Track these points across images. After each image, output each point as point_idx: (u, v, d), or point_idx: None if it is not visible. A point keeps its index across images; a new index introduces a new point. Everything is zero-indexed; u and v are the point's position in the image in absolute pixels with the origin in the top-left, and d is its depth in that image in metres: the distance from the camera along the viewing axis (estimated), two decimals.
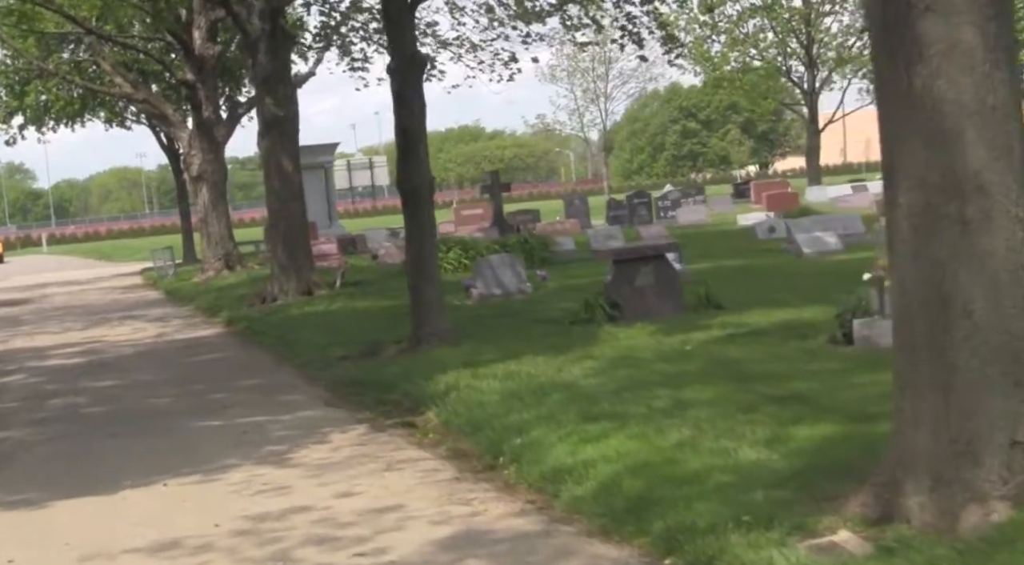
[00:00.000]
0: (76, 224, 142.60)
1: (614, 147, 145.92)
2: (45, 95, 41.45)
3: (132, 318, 25.10)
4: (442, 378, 12.14)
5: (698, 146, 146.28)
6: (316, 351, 16.03)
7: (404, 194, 14.96)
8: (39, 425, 12.82)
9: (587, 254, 27.72)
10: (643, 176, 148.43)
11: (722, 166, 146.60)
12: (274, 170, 23.78)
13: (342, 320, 19.10)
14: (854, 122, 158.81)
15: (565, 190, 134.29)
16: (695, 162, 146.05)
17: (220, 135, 34.16)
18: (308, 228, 24.54)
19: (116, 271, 48.59)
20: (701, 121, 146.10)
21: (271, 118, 23.64)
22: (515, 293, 19.43)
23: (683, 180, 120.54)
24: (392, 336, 16.03)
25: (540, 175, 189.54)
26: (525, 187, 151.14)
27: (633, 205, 40.68)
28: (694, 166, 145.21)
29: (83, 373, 16.89)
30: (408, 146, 14.86)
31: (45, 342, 21.75)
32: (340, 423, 11.32)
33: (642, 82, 59.37)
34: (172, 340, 20.36)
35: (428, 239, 14.98)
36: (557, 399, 10.19)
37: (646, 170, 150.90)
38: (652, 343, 12.83)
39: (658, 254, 15.01)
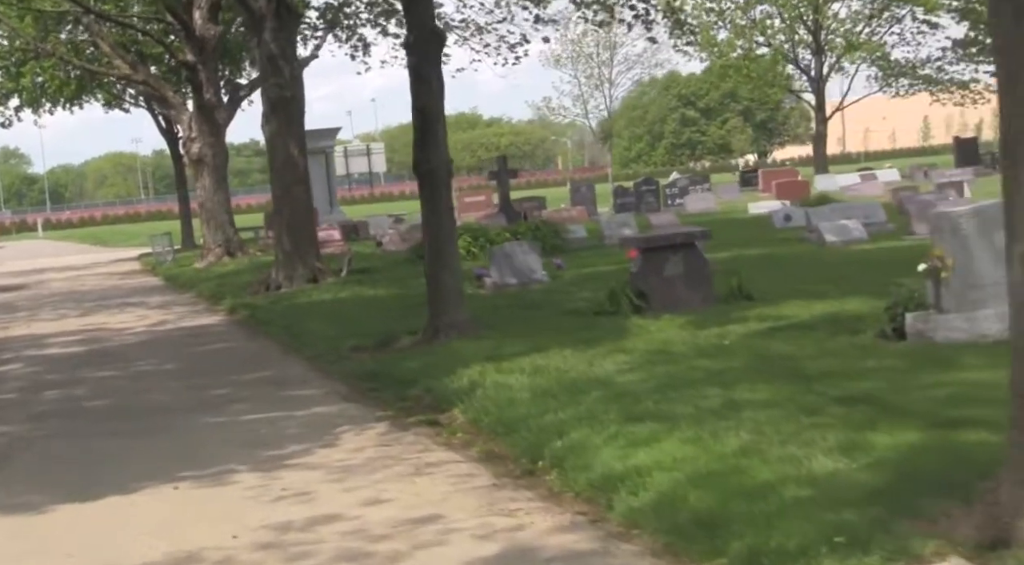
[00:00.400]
0: (72, 209, 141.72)
1: (612, 135, 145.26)
2: (41, 76, 40.60)
3: (132, 305, 24.38)
4: (465, 372, 11.44)
5: (697, 134, 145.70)
6: (326, 342, 15.32)
7: (421, 177, 14.25)
8: (38, 420, 12.11)
9: (598, 242, 27.03)
10: (641, 164, 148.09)
11: (721, 154, 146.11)
12: (279, 153, 23.07)
13: (351, 309, 18.40)
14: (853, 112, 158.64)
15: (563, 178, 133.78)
16: (693, 150, 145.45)
17: (221, 118, 33.44)
18: (313, 214, 23.82)
19: (113, 257, 47.86)
20: (700, 109, 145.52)
21: (276, 100, 22.91)
22: (531, 282, 18.72)
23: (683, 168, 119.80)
24: (405, 326, 15.33)
25: (537, 163, 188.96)
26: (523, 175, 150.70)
27: (641, 192, 39.93)
28: (692, 154, 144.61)
29: (83, 363, 16.19)
30: (425, 126, 14.14)
31: (42, 329, 21.04)
32: (359, 421, 10.61)
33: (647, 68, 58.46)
34: (174, 328, 19.65)
35: (446, 224, 14.26)
36: (594, 397, 9.49)
37: (644, 158, 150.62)
38: (686, 336, 12.12)
39: (688, 242, 14.28)
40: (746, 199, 44.87)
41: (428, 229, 14.40)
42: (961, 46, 54.83)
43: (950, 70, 55.80)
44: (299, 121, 23.29)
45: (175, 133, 45.03)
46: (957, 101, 57.50)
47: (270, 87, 22.92)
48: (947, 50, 55.45)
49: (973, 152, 50.58)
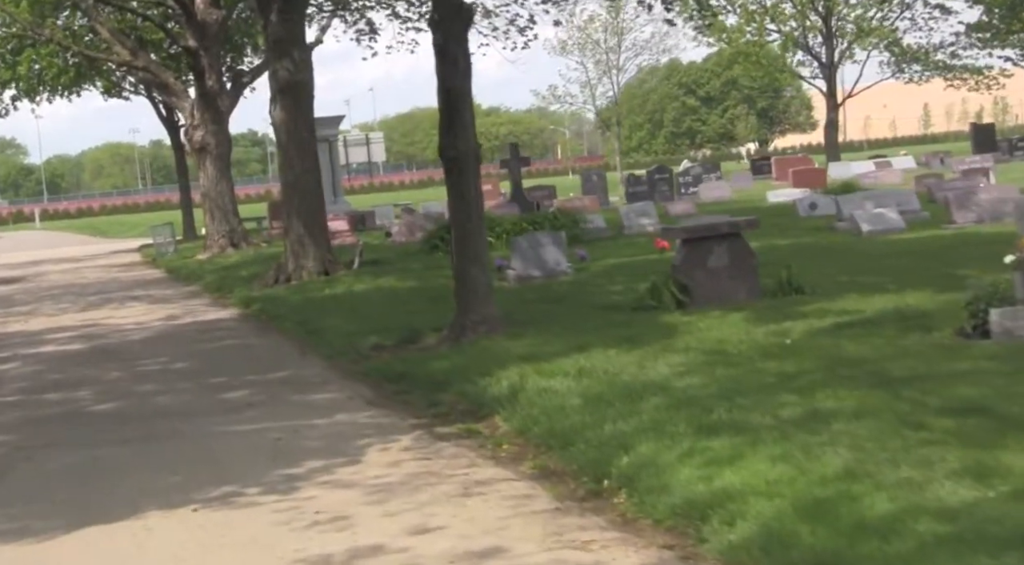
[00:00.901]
0: (69, 200, 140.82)
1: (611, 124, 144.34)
2: (39, 64, 39.61)
3: (134, 299, 23.45)
4: (502, 375, 10.54)
5: (697, 123, 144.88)
6: (345, 339, 14.39)
7: (447, 163, 13.29)
8: (38, 426, 11.18)
9: (617, 232, 26.11)
10: (642, 153, 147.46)
11: (721, 142, 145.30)
12: (288, 139, 22.11)
13: (368, 303, 17.47)
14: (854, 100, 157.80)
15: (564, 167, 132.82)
16: (694, 139, 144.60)
17: (224, 105, 32.52)
18: (324, 203, 22.86)
19: (113, 248, 46.89)
20: (701, 97, 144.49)
21: (285, 84, 21.93)
22: (557, 274, 17.80)
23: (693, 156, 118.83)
24: (428, 322, 14.44)
25: (535, 152, 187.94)
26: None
27: (654, 181, 38.96)
28: (693, 143, 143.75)
29: (85, 361, 15.26)
30: (452, 108, 13.19)
31: (41, 325, 20.11)
32: (390, 430, 9.68)
33: (655, 54, 57.64)
34: (181, 324, 18.71)
35: (475, 214, 13.31)
36: (654, 404, 8.58)
37: (645, 147, 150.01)
38: (741, 334, 11.19)
39: (733, 231, 13.34)
40: (760, 187, 43.92)
41: (455, 219, 13.47)
42: (975, 31, 53.83)
43: (964, 55, 54.85)
44: (308, 106, 22.33)
45: (176, 121, 44.10)
46: (972, 87, 56.53)
47: (278, 71, 21.94)
48: (960, 35, 54.51)
49: (990, 138, 49.63)
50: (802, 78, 57.06)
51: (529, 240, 18.29)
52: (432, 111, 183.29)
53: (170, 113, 44.18)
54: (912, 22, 53.89)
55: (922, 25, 53.97)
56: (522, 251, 18.03)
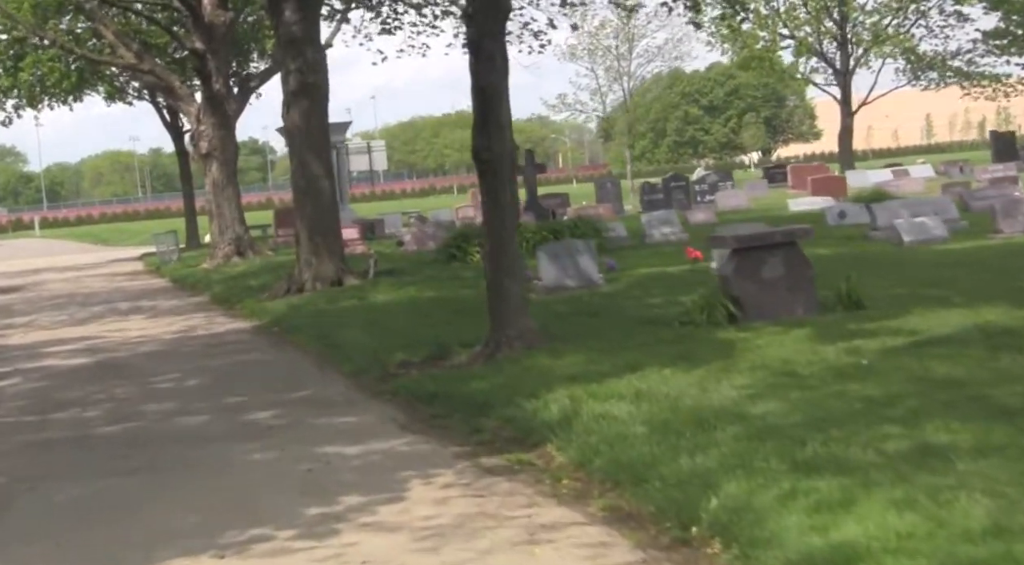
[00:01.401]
0: (68, 207, 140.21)
1: (614, 133, 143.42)
2: (41, 69, 38.72)
3: (139, 310, 22.53)
4: (550, 397, 9.60)
5: (700, 132, 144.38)
6: (368, 355, 13.46)
7: (482, 165, 12.37)
8: (41, 452, 10.24)
9: (639, 241, 25.21)
10: (644, 162, 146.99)
11: (724, 152, 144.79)
12: (301, 143, 21.21)
13: (388, 315, 16.54)
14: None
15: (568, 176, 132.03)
16: (696, 148, 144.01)
17: (231, 110, 31.63)
18: (337, 210, 21.94)
19: (114, 256, 46.04)
20: (704, 106, 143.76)
21: (298, 86, 21.03)
22: (588, 285, 16.88)
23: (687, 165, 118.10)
24: (456, 336, 13.52)
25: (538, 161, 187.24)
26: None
27: (670, 189, 38.05)
28: (696, 152, 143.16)
29: (92, 377, 14.32)
30: (487, 108, 12.28)
31: (43, 337, 19.19)
32: (432, 460, 8.73)
33: (668, 60, 56.74)
34: (190, 337, 17.78)
35: (509, 222, 12.38)
36: (733, 434, 7.65)
37: (648, 156, 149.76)
38: (808, 353, 10.25)
39: (787, 241, 12.41)
40: (776, 195, 43.03)
41: (489, 227, 12.53)
42: (992, 38, 52.95)
43: (981, 63, 53.92)
44: (323, 109, 21.42)
45: (180, 127, 43.28)
46: (989, 95, 55.62)
47: (292, 72, 21.04)
48: (977, 42, 53.62)
49: (1011, 147, 48.69)
50: (816, 85, 56.22)
51: (559, 249, 17.36)
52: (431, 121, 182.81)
53: (174, 118, 43.36)
54: (928, 29, 53.05)
55: (938, 32, 53.14)
56: (551, 260, 17.10)
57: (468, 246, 23.16)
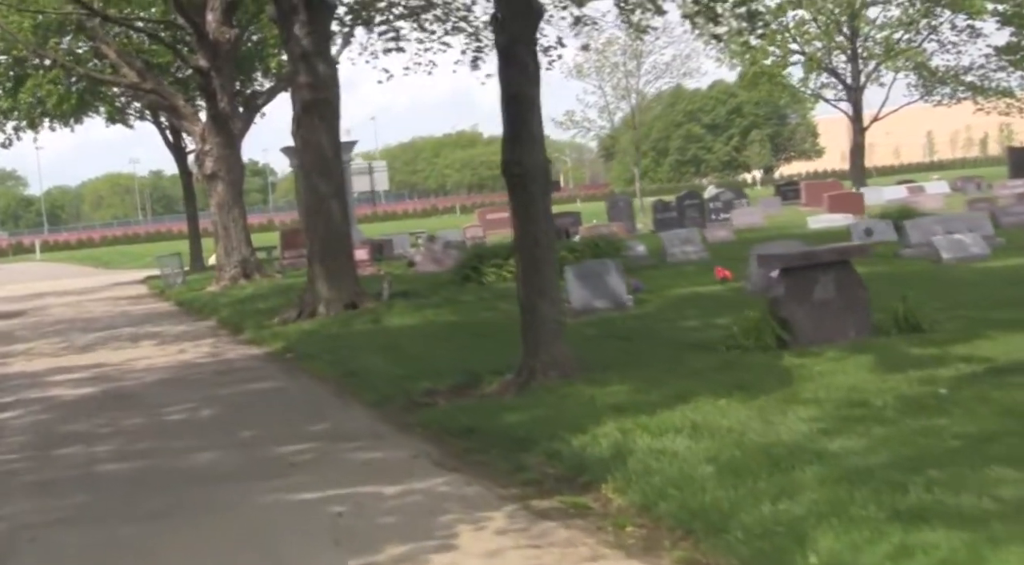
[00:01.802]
0: (69, 231, 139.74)
1: (616, 152, 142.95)
2: (40, 91, 38.08)
3: (146, 335, 21.75)
4: (598, 431, 8.85)
5: (703, 150, 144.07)
6: (390, 382, 12.70)
7: (511, 180, 11.63)
8: (45, 494, 9.45)
9: (660, 260, 24.45)
10: (647, 181, 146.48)
11: (727, 170, 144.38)
12: (312, 161, 20.46)
13: (407, 340, 15.79)
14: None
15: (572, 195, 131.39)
16: (699, 167, 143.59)
17: (236, 129, 30.94)
18: (350, 229, 21.18)
19: (117, 279, 45.28)
20: (705, 125, 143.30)
21: (308, 102, 20.31)
22: (617, 307, 16.12)
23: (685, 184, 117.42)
24: (482, 362, 12.79)
25: None
26: None
27: (683, 207, 37.30)
28: (698, 171, 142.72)
29: (98, 408, 13.53)
30: (518, 118, 11.54)
31: (45, 365, 18.41)
32: (476, 502, 7.95)
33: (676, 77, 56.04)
34: (199, 364, 17.00)
35: (543, 240, 11.63)
36: (816, 477, 6.89)
37: (650, 175, 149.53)
38: (875, 381, 9.49)
39: (840, 259, 11.65)
40: (790, 213, 42.31)
41: (521, 246, 11.78)
42: (1004, 53, 52.28)
43: (994, 77, 53.21)
44: (334, 125, 20.70)
45: (183, 148, 42.65)
46: (1002, 110, 54.88)
47: (302, 88, 20.32)
48: (990, 57, 52.92)
49: None
50: (827, 100, 55.49)
51: (586, 269, 16.59)
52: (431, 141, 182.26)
53: (177, 139, 42.71)
54: (940, 44, 52.37)
55: (950, 47, 52.47)
56: (578, 281, 16.33)
57: (484, 267, 22.42)
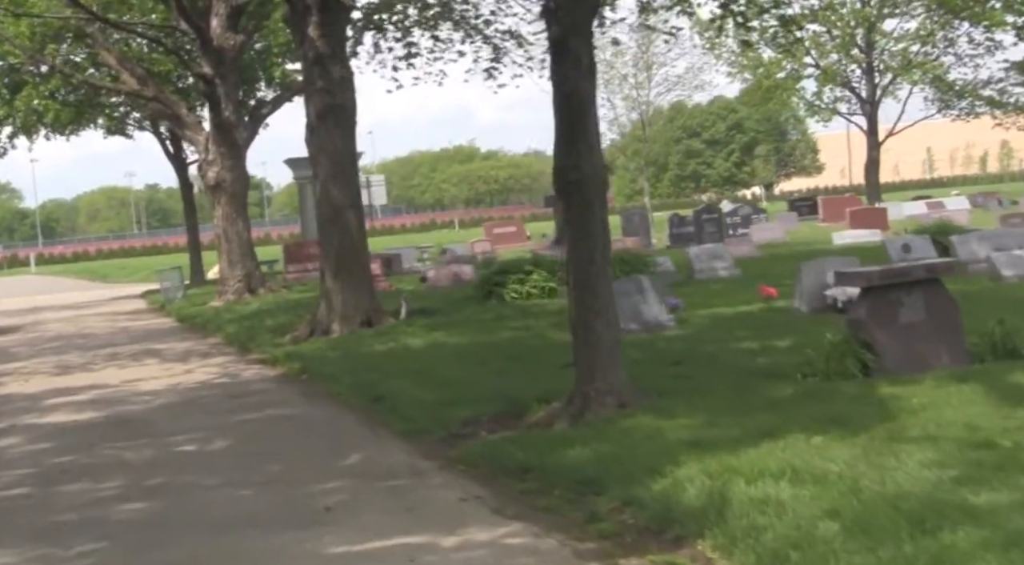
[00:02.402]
0: (64, 244, 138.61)
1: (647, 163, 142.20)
2: (37, 100, 36.97)
3: (149, 353, 20.60)
4: (680, 473, 7.72)
5: (702, 166, 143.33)
6: (423, 410, 11.57)
7: (568, 187, 10.52)
8: (48, 542, 8.27)
9: (688, 276, 23.33)
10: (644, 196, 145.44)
11: (726, 187, 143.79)
12: (327, 170, 19.34)
13: (434, 362, 14.65)
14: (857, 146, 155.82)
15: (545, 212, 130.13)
16: (698, 183, 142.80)
17: (241, 138, 29.84)
18: (366, 243, 20.04)
19: (115, 293, 44.12)
20: (705, 141, 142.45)
21: (323, 107, 19.21)
22: (656, 327, 14.99)
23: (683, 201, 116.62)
24: (522, 389, 11.68)
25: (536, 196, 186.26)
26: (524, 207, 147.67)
27: (701, 221, 36.19)
28: (697, 187, 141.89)
29: (102, 437, 12.36)
30: (573, 119, 10.42)
31: (44, 386, 17.25)
32: (553, 560, 6.81)
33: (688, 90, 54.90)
34: (209, 386, 15.84)
35: (600, 254, 10.52)
36: (973, 541, 5.78)
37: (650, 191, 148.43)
38: (992, 416, 8.37)
39: (928, 277, 10.53)
40: (807, 229, 41.22)
41: (575, 261, 10.65)
42: (1022, 70, 51.27)
43: (1013, 92, 52.15)
44: (350, 132, 19.59)
45: (184, 159, 41.56)
46: (1022, 126, 53.76)
47: (317, 93, 19.21)
48: (1009, 71, 51.87)
49: None
50: (841, 115, 54.38)
51: (619, 287, 15.41)
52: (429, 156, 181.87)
53: (178, 149, 41.63)
54: (957, 57, 51.35)
55: (967, 61, 51.44)
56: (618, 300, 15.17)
57: (507, 282, 21.28)
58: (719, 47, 48.27)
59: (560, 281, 20.90)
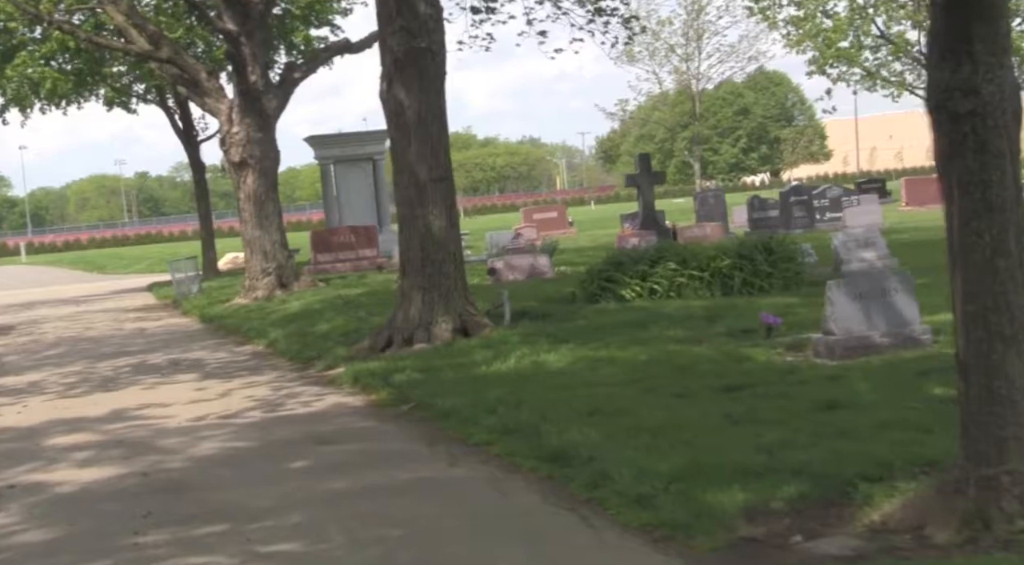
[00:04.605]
0: (54, 232, 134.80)
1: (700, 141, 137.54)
2: (32, 67, 32.62)
3: (176, 367, 16.34)
4: None
5: (708, 152, 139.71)
6: (657, 486, 7.27)
7: (954, 123, 6.14)
8: None
9: (833, 269, 19.03)
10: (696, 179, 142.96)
11: (732, 173, 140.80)
12: (409, 132, 15.04)
13: (604, 392, 10.35)
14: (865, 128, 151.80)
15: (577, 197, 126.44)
16: (705, 169, 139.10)
17: (270, 107, 25.45)
18: (459, 227, 15.72)
19: (116, 286, 39.76)
20: (712, 127, 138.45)
21: (405, 53, 14.89)
22: (907, 341, 10.71)
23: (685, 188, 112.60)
24: (796, 446, 7.44)
25: (533, 183, 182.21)
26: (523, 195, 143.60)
27: (789, 204, 31.78)
28: (704, 174, 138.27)
29: (133, 519, 8.04)
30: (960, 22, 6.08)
31: (46, 415, 12.97)
32: None
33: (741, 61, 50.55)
34: (274, 421, 11.50)
35: (1016, 243, 6.17)
36: None
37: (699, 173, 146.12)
38: None
39: None
40: (897, 213, 37.00)
41: (968, 250, 6.23)
42: None
43: None
44: (439, 86, 15.25)
45: (194, 136, 37.18)
46: None
47: (396, 34, 14.88)
48: None
49: None
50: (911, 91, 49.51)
51: (858, 284, 11.11)
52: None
53: (188, 126, 37.23)
54: None
55: None
56: (849, 302, 10.89)
57: (624, 278, 16.99)
58: (773, 13, 43.89)
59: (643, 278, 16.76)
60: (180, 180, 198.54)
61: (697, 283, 16.69)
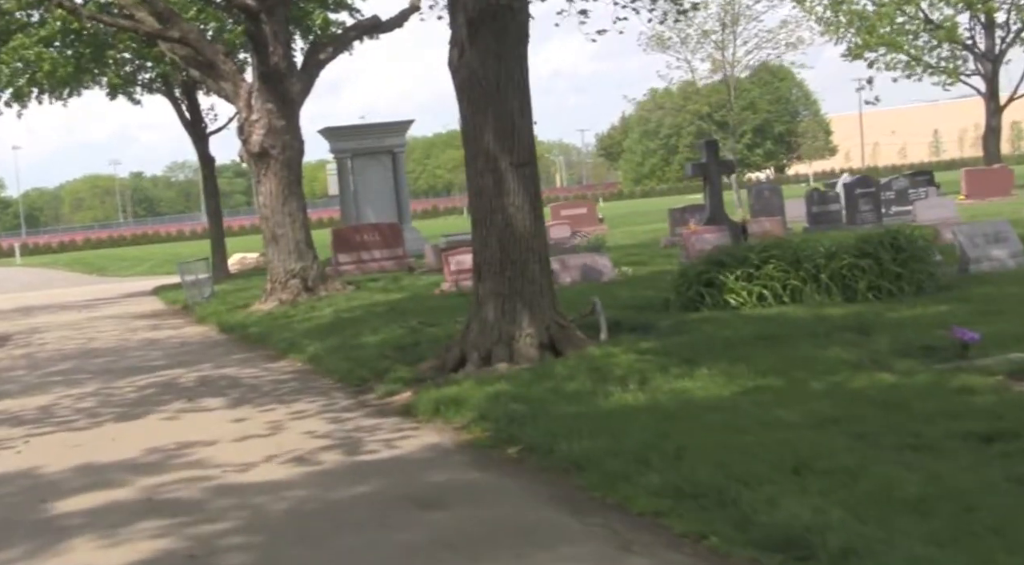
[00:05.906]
0: (49, 233, 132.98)
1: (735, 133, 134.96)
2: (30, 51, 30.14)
3: (204, 387, 13.85)
4: None
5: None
6: None
7: None
8: None
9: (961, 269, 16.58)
10: (655, 180, 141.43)
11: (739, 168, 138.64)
12: (483, 108, 12.54)
13: (796, 434, 7.84)
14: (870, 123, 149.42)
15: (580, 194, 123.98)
16: None
17: (294, 91, 22.95)
18: (543, 225, 13.19)
19: (119, 289, 37.25)
20: (717, 122, 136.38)
21: (481, 12, 12.38)
22: None
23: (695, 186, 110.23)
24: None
25: None
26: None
27: (854, 197, 29.25)
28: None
29: None
30: None
31: (52, 455, 10.43)
32: None
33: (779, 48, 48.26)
34: (350, 466, 8.98)
35: None
36: None
37: (658, 174, 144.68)
38: None
39: None
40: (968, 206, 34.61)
41: None
42: None
43: None
44: (521, 51, 12.75)
45: (203, 128, 34.67)
46: None
47: None
48: None
49: None
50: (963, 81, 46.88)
51: None
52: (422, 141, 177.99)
53: (196, 118, 34.72)
54: None
55: None
56: None
57: (728, 281, 14.50)
58: None
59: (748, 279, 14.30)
60: (175, 180, 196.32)
61: (813, 286, 14.20)
